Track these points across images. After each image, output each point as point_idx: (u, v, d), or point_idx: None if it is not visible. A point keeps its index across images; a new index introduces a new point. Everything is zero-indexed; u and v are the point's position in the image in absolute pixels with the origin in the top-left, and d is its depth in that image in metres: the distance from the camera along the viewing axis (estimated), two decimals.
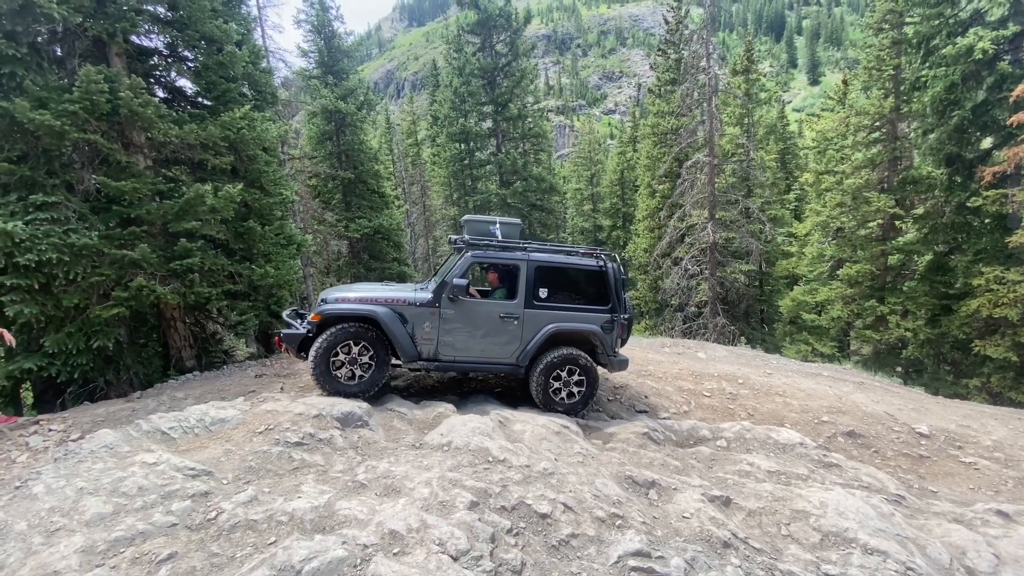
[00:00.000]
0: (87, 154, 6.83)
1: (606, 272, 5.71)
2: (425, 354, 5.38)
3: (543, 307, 5.56)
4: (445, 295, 5.36)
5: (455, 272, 5.40)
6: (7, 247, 5.58)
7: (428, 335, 5.36)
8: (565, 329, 5.56)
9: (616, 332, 5.74)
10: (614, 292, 5.72)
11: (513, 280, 5.62)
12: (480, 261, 5.60)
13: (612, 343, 5.72)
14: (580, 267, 5.74)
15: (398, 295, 5.43)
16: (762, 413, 6.69)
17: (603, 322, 5.66)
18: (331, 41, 19.01)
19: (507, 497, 3.51)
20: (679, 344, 10.33)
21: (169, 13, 7.60)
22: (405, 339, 5.28)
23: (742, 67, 21.60)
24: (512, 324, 5.49)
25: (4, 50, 5.95)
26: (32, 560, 2.66)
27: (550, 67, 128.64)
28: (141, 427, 4.15)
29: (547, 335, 5.50)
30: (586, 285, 5.74)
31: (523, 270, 5.51)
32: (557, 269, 5.65)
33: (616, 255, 6.07)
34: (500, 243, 5.66)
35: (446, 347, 5.41)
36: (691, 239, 16.61)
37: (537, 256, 5.61)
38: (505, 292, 5.80)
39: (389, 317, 5.23)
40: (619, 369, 5.91)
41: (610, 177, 31.87)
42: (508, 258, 5.58)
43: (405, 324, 5.32)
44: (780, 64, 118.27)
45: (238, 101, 8.04)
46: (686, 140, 17.70)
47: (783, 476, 4.83)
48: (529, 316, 5.50)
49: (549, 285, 5.58)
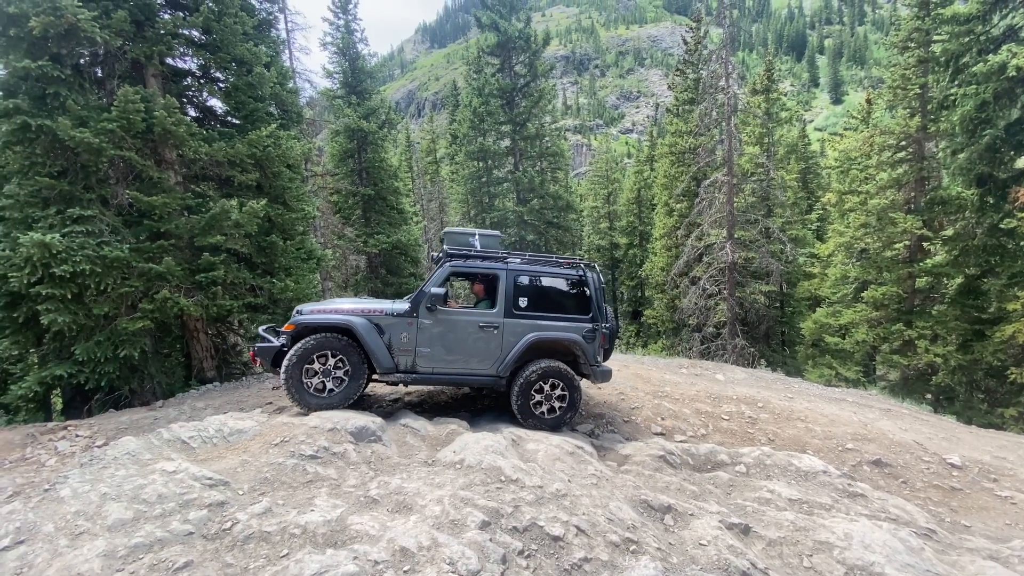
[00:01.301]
0: (121, 170, 7.12)
1: (586, 281, 5.65)
2: (402, 366, 5.26)
3: (523, 317, 5.47)
4: (423, 305, 5.26)
5: (433, 282, 5.32)
6: (45, 258, 5.82)
7: (405, 346, 5.24)
8: (546, 338, 5.46)
9: (598, 342, 5.64)
10: (595, 302, 5.63)
11: (493, 290, 5.57)
12: (458, 271, 5.52)
13: (594, 353, 5.61)
14: (560, 276, 5.69)
15: (375, 306, 5.35)
16: (783, 438, 6.51)
17: (585, 332, 5.57)
18: (355, 62, 19.61)
19: (519, 518, 3.47)
20: (697, 365, 10.16)
21: (203, 36, 7.95)
22: (381, 350, 5.15)
23: (762, 86, 21.57)
24: (492, 334, 5.38)
25: (49, 71, 6.28)
26: (57, 562, 2.72)
27: (568, 87, 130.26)
28: (162, 435, 4.24)
29: (527, 344, 5.39)
30: (567, 295, 5.67)
31: (502, 279, 5.45)
32: (537, 278, 5.60)
33: (596, 264, 6.02)
34: (479, 253, 5.61)
35: (424, 358, 5.29)
36: (709, 258, 16.45)
37: (517, 266, 5.56)
38: (485, 303, 5.73)
39: (365, 327, 5.12)
40: (602, 380, 5.79)
41: (627, 196, 31.87)
42: (487, 268, 5.52)
43: (382, 335, 5.21)
44: (801, 83, 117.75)
45: (265, 120, 8.33)
46: (704, 159, 17.66)
47: (805, 505, 4.69)
48: (509, 326, 5.41)
49: (529, 295, 5.52)
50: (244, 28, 8.04)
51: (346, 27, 19.85)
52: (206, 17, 7.45)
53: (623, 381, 7.59)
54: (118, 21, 6.65)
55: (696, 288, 15.95)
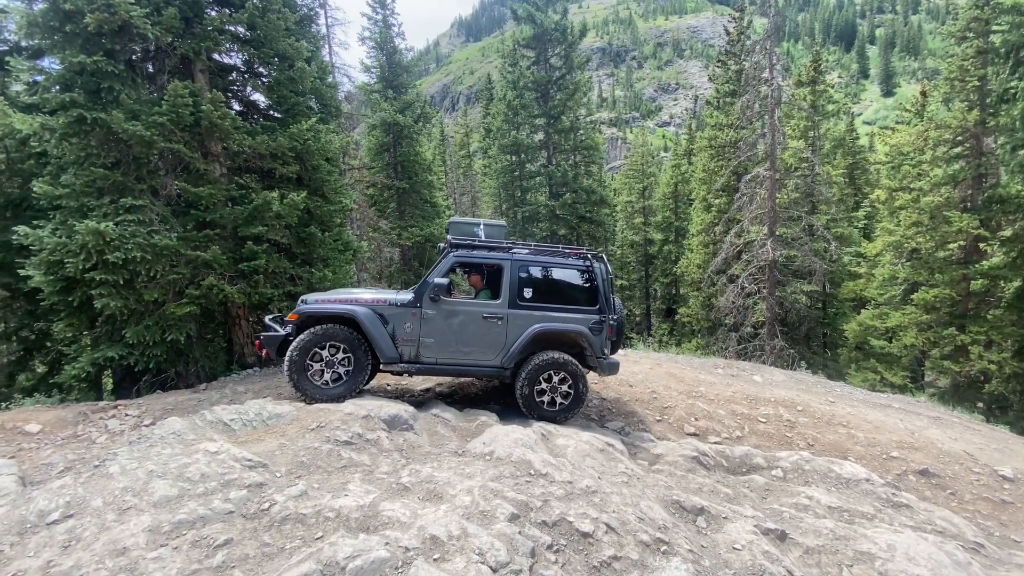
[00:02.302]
0: (170, 162, 7.41)
1: (593, 272, 5.53)
2: (406, 356, 5.25)
3: (528, 308, 5.39)
4: (426, 295, 5.23)
5: (437, 272, 5.29)
6: (99, 245, 6.13)
7: (409, 336, 5.23)
8: (551, 330, 5.37)
9: (605, 334, 5.52)
10: (602, 293, 5.51)
11: (497, 280, 5.50)
12: (463, 261, 5.47)
13: (601, 345, 5.50)
14: (567, 267, 5.59)
15: (379, 296, 5.36)
16: (823, 444, 6.27)
17: (591, 323, 5.46)
18: (392, 57, 19.85)
19: (548, 512, 3.45)
20: (733, 365, 9.88)
21: (248, 32, 8.16)
22: (385, 340, 5.14)
23: (808, 78, 20.65)
24: (496, 325, 5.33)
25: (104, 66, 6.57)
26: (105, 535, 2.86)
27: (604, 79, 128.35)
28: (205, 417, 4.41)
29: (532, 336, 5.32)
30: (573, 286, 5.58)
31: (507, 270, 5.38)
32: (543, 269, 5.53)
33: (603, 255, 5.87)
34: (484, 243, 5.54)
35: (427, 348, 5.27)
36: (749, 256, 15.93)
37: (521, 256, 5.49)
38: (489, 294, 5.68)
39: (368, 317, 5.11)
40: (609, 373, 5.67)
41: (663, 190, 31.19)
42: (491, 258, 5.45)
43: (385, 325, 5.19)
44: (850, 75, 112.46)
45: (305, 114, 8.50)
46: (745, 153, 17.08)
47: (846, 513, 4.50)
48: (513, 317, 5.35)
49: (534, 285, 5.44)
50: (286, 24, 8.22)
51: (384, 22, 20.10)
52: (251, 13, 7.65)
53: (656, 380, 7.46)
54: (168, 18, 6.90)
55: (734, 286, 15.49)
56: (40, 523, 3.03)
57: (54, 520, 3.04)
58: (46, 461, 3.96)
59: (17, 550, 2.86)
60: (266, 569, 2.72)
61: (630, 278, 32.68)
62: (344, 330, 5.09)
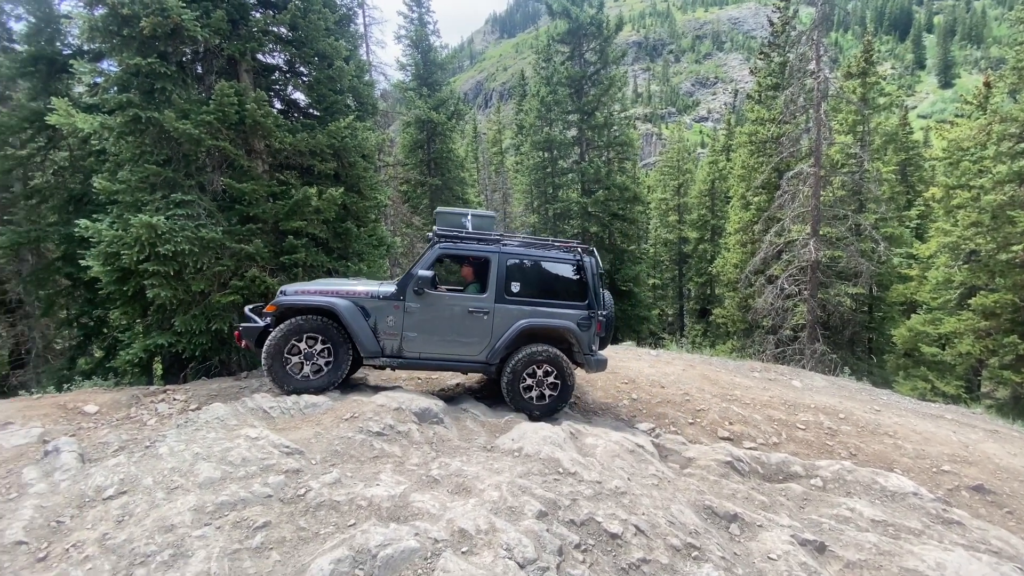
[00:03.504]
0: (216, 159, 7.72)
1: (583, 266, 5.42)
2: (388, 350, 5.12)
3: (515, 302, 5.27)
4: (410, 288, 5.11)
5: (421, 264, 5.16)
6: (151, 238, 6.46)
7: (391, 329, 5.10)
8: (538, 325, 5.25)
9: (593, 330, 5.39)
10: (592, 288, 5.39)
11: (484, 273, 5.37)
12: (448, 253, 5.35)
13: (590, 341, 5.37)
14: (556, 260, 5.47)
15: (361, 288, 5.23)
16: (867, 454, 6.01)
17: (580, 319, 5.34)
18: (427, 55, 20.07)
19: (576, 511, 3.44)
20: (770, 369, 9.57)
21: (290, 33, 8.41)
22: (366, 333, 5.02)
23: (858, 69, 19.69)
24: (481, 319, 5.21)
25: (157, 68, 6.90)
26: (154, 512, 3.02)
27: (639, 74, 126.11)
28: (247, 404, 4.59)
29: (518, 331, 5.19)
30: (562, 280, 5.45)
31: (494, 263, 5.26)
32: (531, 262, 5.40)
33: (593, 249, 5.69)
34: (472, 235, 5.41)
35: (411, 342, 5.15)
36: (789, 256, 15.37)
37: (510, 249, 5.36)
38: (479, 287, 5.52)
39: (349, 310, 4.99)
40: (597, 369, 5.53)
41: (699, 187, 30.44)
42: (478, 250, 5.33)
43: (367, 318, 5.07)
44: (904, 65, 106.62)
45: (343, 112, 8.70)
46: (788, 149, 16.45)
47: (891, 528, 4.30)
48: (500, 311, 5.23)
49: (522, 279, 5.32)
50: (327, 24, 8.41)
51: (419, 20, 20.34)
52: (293, 14, 7.87)
53: (689, 382, 7.30)
54: (216, 20, 7.18)
55: (773, 287, 14.97)
56: (97, 498, 3.24)
57: (109, 495, 3.24)
58: (103, 440, 4.21)
59: (76, 522, 3.06)
60: (301, 552, 2.82)
61: (663, 277, 32.10)
62: (324, 322, 4.96)
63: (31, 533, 2.96)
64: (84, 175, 10.12)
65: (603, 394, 6.62)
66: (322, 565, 2.63)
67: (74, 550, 2.79)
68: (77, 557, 2.73)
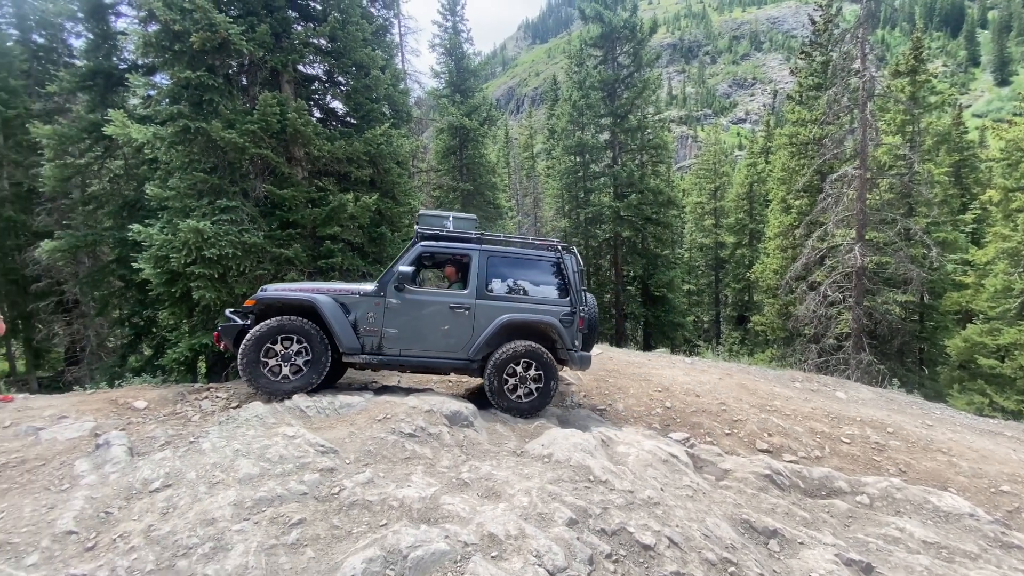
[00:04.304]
0: (259, 166, 8.03)
1: (564, 264, 5.42)
2: (368, 347, 5.10)
3: (497, 298, 5.27)
4: (391, 284, 5.12)
5: (402, 261, 5.19)
6: (198, 242, 6.76)
7: (371, 326, 5.08)
8: (520, 320, 5.22)
9: (576, 326, 5.35)
10: (573, 285, 5.38)
11: (465, 270, 5.39)
12: (430, 250, 5.37)
13: (572, 337, 5.34)
14: (536, 258, 5.49)
15: (341, 287, 5.27)
16: (917, 471, 5.68)
17: (562, 315, 5.31)
18: (460, 62, 20.34)
19: (607, 520, 3.38)
20: (812, 379, 9.19)
21: (329, 44, 8.68)
22: (345, 329, 4.98)
23: (907, 67, 18.80)
24: (463, 315, 5.19)
25: (206, 80, 7.24)
26: (197, 506, 3.14)
27: (674, 76, 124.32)
28: (285, 403, 4.72)
29: (500, 326, 5.16)
30: (543, 277, 5.46)
31: (475, 259, 5.29)
32: (512, 259, 5.45)
33: (574, 248, 5.66)
34: (453, 234, 5.45)
35: (391, 339, 5.12)
36: (833, 262, 14.76)
37: (490, 246, 5.41)
38: (459, 286, 5.53)
39: (328, 306, 4.98)
40: (582, 366, 5.45)
41: (736, 191, 29.64)
42: (459, 248, 5.36)
43: (347, 314, 5.06)
44: (957, 63, 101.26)
45: (379, 120, 8.91)
46: (831, 151, 15.83)
47: (944, 550, 4.05)
48: (481, 307, 5.20)
49: (503, 276, 5.35)
50: (364, 35, 8.65)
51: (453, 28, 20.65)
52: (333, 26, 8.12)
53: (725, 391, 7.09)
54: (261, 34, 7.48)
55: (815, 294, 14.39)
56: (144, 490, 3.38)
57: (155, 488, 3.38)
58: (150, 435, 4.40)
59: (124, 513, 3.20)
60: (334, 550, 2.86)
61: (699, 283, 31.38)
62: (300, 321, 4.92)
63: (81, 523, 3.10)
64: (137, 182, 10.69)
65: (635, 402, 6.50)
66: (354, 564, 2.66)
67: (121, 541, 2.91)
68: (124, 547, 2.85)
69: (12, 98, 16.24)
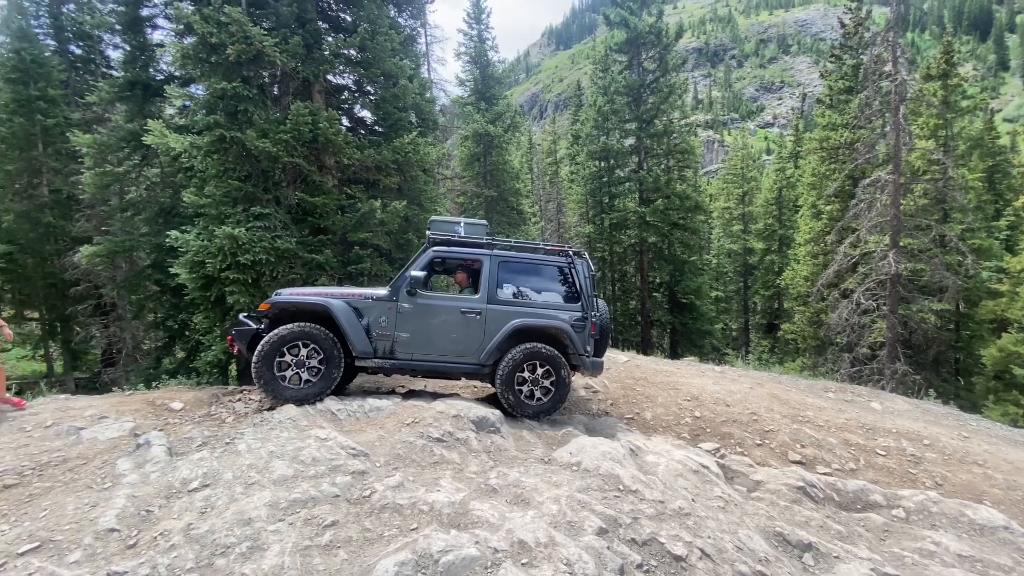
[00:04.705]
0: (291, 174, 8.24)
1: (575, 269, 5.39)
2: (380, 351, 5.12)
3: (508, 303, 5.27)
4: (403, 289, 5.15)
5: (415, 266, 5.20)
6: (233, 248, 6.97)
7: (384, 330, 5.11)
8: (532, 324, 5.20)
9: (588, 331, 5.34)
10: (584, 290, 5.36)
11: (476, 276, 5.39)
12: (442, 256, 5.38)
13: (584, 342, 5.31)
14: (547, 264, 5.49)
15: (355, 291, 5.31)
16: (953, 484, 5.50)
17: (573, 320, 5.30)
18: (485, 70, 20.55)
19: (638, 530, 3.34)
20: (846, 390, 8.93)
21: (359, 55, 8.88)
22: (358, 333, 5.02)
23: (938, 71, 18.25)
24: (474, 320, 5.18)
25: (241, 91, 7.48)
26: (234, 506, 3.22)
27: (700, 80, 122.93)
28: (316, 406, 4.81)
29: (511, 330, 5.14)
30: (554, 282, 5.45)
31: (487, 265, 5.29)
32: (523, 265, 5.44)
33: (585, 253, 5.61)
34: (464, 239, 5.45)
35: (403, 344, 5.14)
36: (866, 269, 14.33)
37: (501, 251, 5.41)
38: (473, 292, 5.51)
39: (342, 310, 5.02)
40: (593, 372, 5.42)
41: (765, 196, 29.08)
42: (471, 253, 5.38)
43: (360, 318, 5.10)
44: (987, 66, 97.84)
45: (407, 128, 9.06)
46: (863, 155, 15.42)
47: (979, 564, 3.95)
48: (492, 312, 5.19)
49: (514, 281, 5.35)
50: (392, 45, 8.83)
51: (478, 36, 20.89)
52: (363, 37, 8.31)
53: (756, 400, 6.94)
54: (294, 46, 7.71)
55: (848, 302, 13.98)
56: (183, 489, 3.49)
57: (194, 488, 3.48)
58: (187, 435, 4.53)
59: (164, 511, 3.30)
60: (366, 553, 2.90)
61: (727, 289, 30.80)
62: (317, 332, 4.94)
63: (123, 521, 3.18)
64: (173, 190, 11.05)
65: (663, 411, 6.41)
66: (387, 567, 2.70)
67: (162, 539, 3.00)
68: (164, 545, 2.93)
69: (51, 107, 17.04)
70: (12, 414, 4.98)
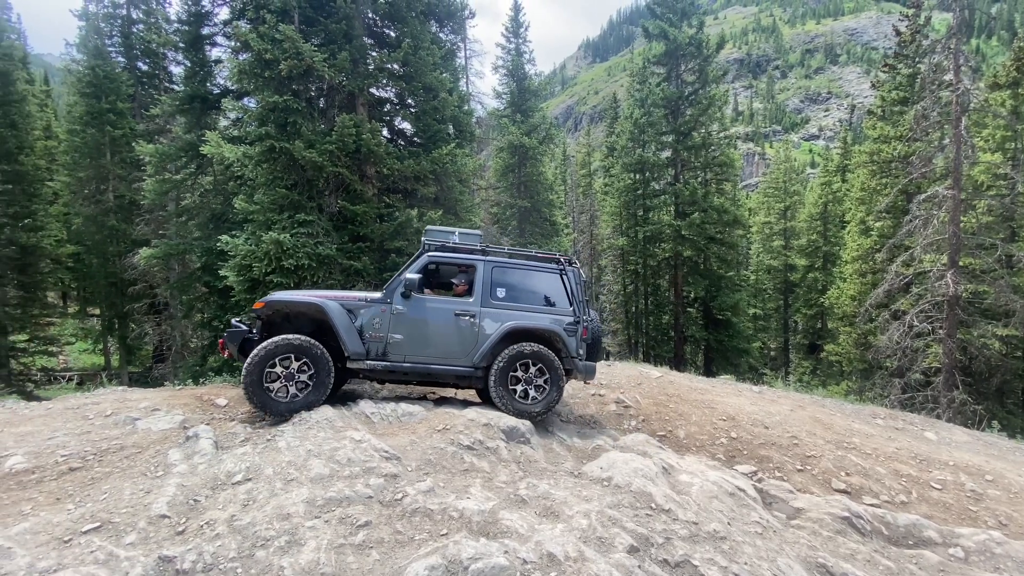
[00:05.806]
0: (333, 184, 8.55)
1: (567, 275, 5.52)
2: (373, 352, 5.12)
3: (501, 307, 5.33)
4: (397, 291, 5.19)
5: (410, 269, 5.28)
6: (278, 253, 7.27)
7: (377, 331, 5.13)
8: (525, 326, 5.27)
9: (580, 335, 5.43)
10: (575, 296, 5.49)
11: (470, 280, 5.44)
12: (436, 260, 5.47)
13: (576, 346, 5.41)
14: (540, 270, 5.59)
15: (349, 294, 5.40)
16: (1019, 524, 5.08)
17: (566, 323, 5.40)
18: (522, 83, 20.82)
19: (670, 551, 3.25)
20: (897, 417, 8.45)
21: (401, 69, 9.17)
22: (351, 334, 5.04)
23: (1007, 79, 17.21)
24: (468, 322, 5.25)
25: (291, 104, 7.84)
26: (274, 500, 3.33)
27: (740, 92, 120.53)
28: (352, 408, 4.93)
29: (505, 332, 5.21)
30: (546, 287, 5.55)
31: (480, 269, 5.39)
32: (515, 270, 5.55)
33: (576, 260, 5.67)
34: (458, 245, 5.57)
35: (396, 346, 5.15)
36: (920, 289, 13.59)
37: (495, 256, 5.55)
38: (464, 295, 5.53)
39: (336, 311, 5.05)
40: (586, 375, 5.45)
41: (809, 211, 28.07)
42: (465, 258, 5.47)
43: (354, 320, 5.14)
44: None
45: (445, 140, 9.27)
46: (919, 169, 14.71)
47: None
48: (486, 315, 5.27)
49: (507, 285, 5.44)
50: (434, 59, 9.08)
51: (516, 50, 21.20)
52: (406, 52, 8.59)
53: (797, 424, 6.66)
54: (341, 61, 8.04)
55: (900, 324, 13.27)
56: (228, 482, 3.63)
57: (237, 481, 3.62)
58: (231, 431, 4.72)
59: (209, 502, 3.45)
60: (398, 555, 2.94)
61: (766, 307, 29.76)
62: (310, 345, 4.84)
63: (173, 508, 3.36)
64: (224, 197, 11.64)
65: (697, 430, 6.24)
66: (417, 570, 2.72)
67: (207, 527, 3.13)
68: (210, 534, 3.06)
69: (119, 119, 18.34)
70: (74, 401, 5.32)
